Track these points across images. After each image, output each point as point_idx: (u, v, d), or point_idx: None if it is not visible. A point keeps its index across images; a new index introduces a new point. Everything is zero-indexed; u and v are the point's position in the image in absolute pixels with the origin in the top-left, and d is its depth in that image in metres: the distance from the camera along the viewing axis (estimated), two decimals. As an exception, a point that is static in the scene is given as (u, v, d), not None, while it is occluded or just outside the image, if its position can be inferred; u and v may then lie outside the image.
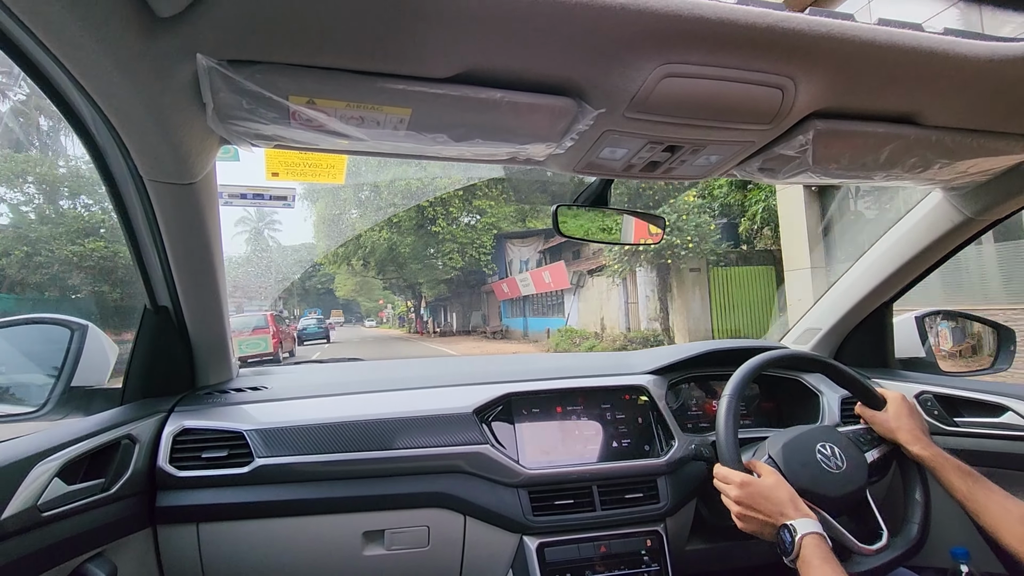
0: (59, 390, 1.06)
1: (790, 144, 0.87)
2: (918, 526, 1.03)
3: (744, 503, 0.96)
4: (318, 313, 50.60)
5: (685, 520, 1.24)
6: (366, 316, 61.41)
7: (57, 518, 0.85)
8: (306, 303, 59.83)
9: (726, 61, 0.69)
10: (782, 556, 0.89)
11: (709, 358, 1.43)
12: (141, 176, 0.88)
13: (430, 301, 33.42)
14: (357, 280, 43.61)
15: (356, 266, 25.27)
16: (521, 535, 1.15)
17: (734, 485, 0.98)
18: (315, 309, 56.80)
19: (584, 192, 1.16)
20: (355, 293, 48.59)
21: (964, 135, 0.90)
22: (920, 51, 0.70)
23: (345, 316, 64.55)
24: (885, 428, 1.09)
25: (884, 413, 1.10)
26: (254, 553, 1.09)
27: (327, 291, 56.78)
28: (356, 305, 62.21)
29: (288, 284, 42.50)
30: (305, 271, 55.67)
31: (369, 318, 58.93)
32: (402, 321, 44.05)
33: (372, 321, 56.10)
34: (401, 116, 0.73)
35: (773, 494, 0.94)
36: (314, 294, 62.62)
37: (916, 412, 1.10)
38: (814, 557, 0.85)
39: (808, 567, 0.84)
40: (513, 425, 1.25)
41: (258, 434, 1.12)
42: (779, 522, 0.91)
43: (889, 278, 1.42)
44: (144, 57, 0.61)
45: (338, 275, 47.51)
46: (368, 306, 55.59)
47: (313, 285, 60.72)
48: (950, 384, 1.37)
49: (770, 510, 0.93)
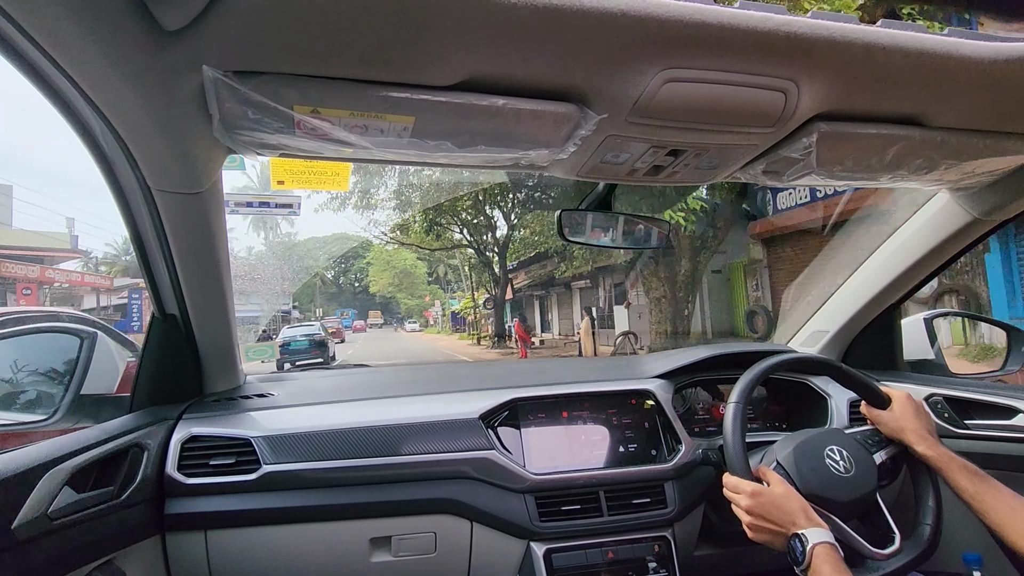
0: (69, 398, 1.07)
1: (794, 147, 0.87)
2: (930, 528, 1.02)
3: (755, 513, 0.95)
4: (351, 315, 42.55)
5: (693, 525, 1.23)
6: (407, 316, 51.46)
7: (67, 526, 0.86)
8: (337, 303, 53.49)
9: (728, 65, 0.69)
10: (793, 566, 0.88)
11: (715, 362, 1.42)
12: (149, 186, 0.89)
13: (522, 289, 21.86)
14: (396, 273, 38.25)
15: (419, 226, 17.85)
16: (528, 541, 1.15)
17: (744, 495, 0.97)
18: (347, 309, 48.46)
19: (588, 197, 1.16)
20: (393, 288, 42.40)
21: (970, 135, 0.90)
22: (924, 52, 0.70)
23: (384, 317, 57.15)
24: (891, 428, 1.08)
25: (890, 412, 1.09)
26: (262, 560, 1.09)
27: (363, 289, 50.22)
28: (396, 304, 53.59)
29: (309, 278, 38.74)
30: (336, 263, 48.74)
31: (411, 319, 49.37)
32: (458, 323, 32.49)
33: (415, 323, 46.83)
34: (404, 124, 0.74)
35: (784, 504, 0.93)
36: (348, 292, 55.84)
37: (923, 411, 1.09)
38: (824, 565, 0.84)
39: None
40: (519, 430, 1.25)
41: (265, 441, 1.13)
42: (790, 531, 0.90)
43: (896, 280, 1.41)
44: (151, 70, 0.62)
45: (372, 267, 40.97)
46: (409, 304, 47.64)
47: (348, 282, 54.17)
48: (960, 386, 1.36)
49: (781, 520, 0.92)
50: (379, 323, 54.43)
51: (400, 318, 55.58)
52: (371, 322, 52.05)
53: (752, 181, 1.05)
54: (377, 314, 55.50)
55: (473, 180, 13.93)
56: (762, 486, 0.98)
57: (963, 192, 1.18)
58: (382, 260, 40.04)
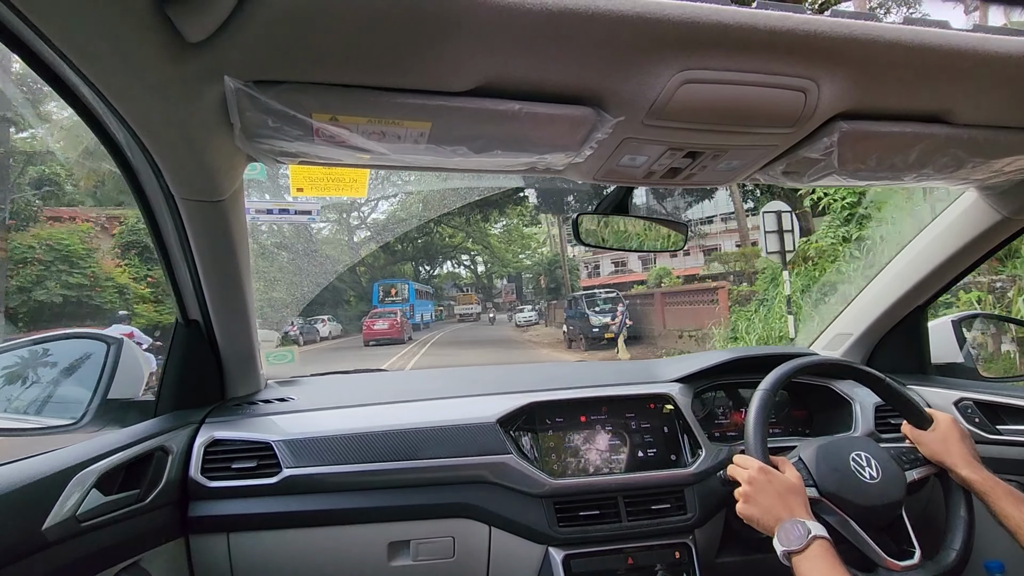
0: (96, 403, 1.09)
1: (814, 147, 0.85)
2: (957, 554, 0.97)
3: (757, 488, 0.94)
4: (428, 305, 28.60)
5: (715, 532, 1.21)
6: (525, 303, 32.59)
7: (95, 528, 0.88)
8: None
9: (746, 66, 0.68)
10: (780, 546, 0.87)
11: (735, 366, 1.40)
12: (173, 195, 0.91)
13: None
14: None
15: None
16: (547, 546, 1.14)
17: (752, 469, 0.96)
18: (426, 289, 31.46)
19: (604, 200, 1.15)
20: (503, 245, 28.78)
21: (998, 132, 0.87)
22: (948, 49, 0.69)
23: (483, 303, 38.01)
24: (933, 449, 1.04)
25: (932, 433, 1.05)
26: (283, 562, 1.10)
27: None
28: (513, 283, 35.65)
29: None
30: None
31: (530, 305, 30.42)
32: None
33: (532, 312, 27.20)
34: (421, 130, 0.75)
35: (789, 493, 0.92)
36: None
37: (967, 437, 1.05)
38: (821, 560, 0.82)
39: (813, 569, 0.82)
40: (537, 435, 1.24)
41: (285, 445, 1.14)
42: (784, 517, 0.89)
43: (923, 281, 1.38)
44: (174, 81, 0.63)
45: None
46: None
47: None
48: (991, 390, 1.32)
49: (780, 505, 0.91)
50: (475, 310, 35.55)
51: (511, 307, 34.86)
52: (462, 310, 34.86)
53: (772, 182, 1.04)
54: (471, 298, 37.65)
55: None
56: (773, 469, 0.96)
57: (991, 190, 1.15)
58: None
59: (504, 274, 40.64)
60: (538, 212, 29.69)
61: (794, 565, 0.85)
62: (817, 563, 0.82)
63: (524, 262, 38.40)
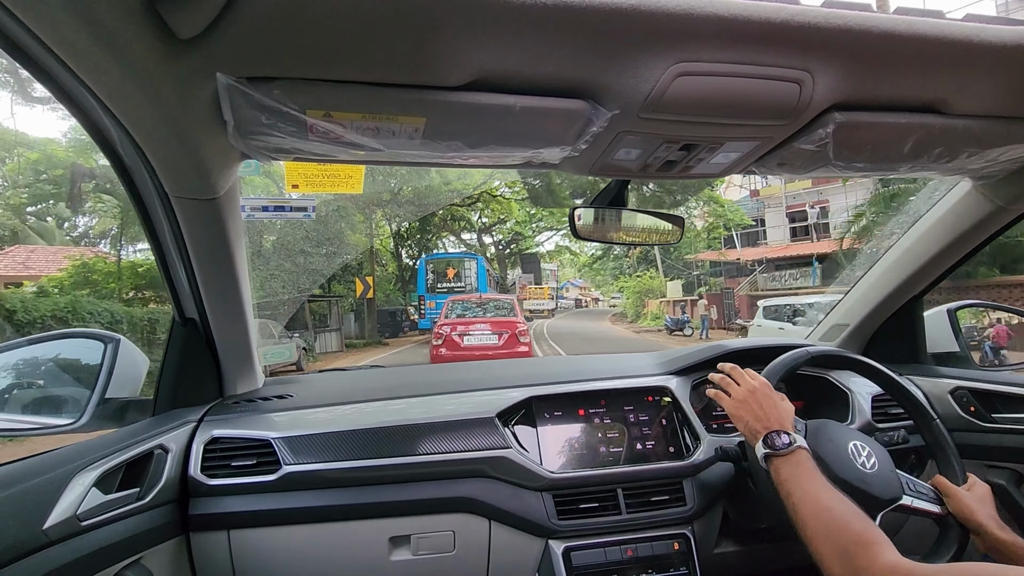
0: (94, 402, 1.09)
1: (810, 138, 0.85)
2: None
3: (758, 395, 1.00)
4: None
5: (713, 523, 1.22)
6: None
7: (96, 527, 0.88)
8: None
9: (741, 58, 0.68)
10: (764, 449, 0.93)
11: (733, 357, 1.41)
12: (167, 193, 0.90)
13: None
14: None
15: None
16: (547, 539, 1.15)
17: (759, 380, 1.02)
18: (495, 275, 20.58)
19: (600, 193, 1.15)
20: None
21: (992, 122, 0.87)
22: (942, 39, 0.69)
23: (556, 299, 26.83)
24: (963, 505, 0.98)
25: (970, 493, 1.00)
26: (283, 559, 1.11)
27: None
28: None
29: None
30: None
31: (618, 292, 20.88)
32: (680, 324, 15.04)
33: (617, 297, 18.32)
34: (416, 125, 0.74)
35: (782, 410, 0.98)
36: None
37: (993, 501, 1.01)
38: (801, 466, 0.89)
39: (797, 474, 0.88)
40: (536, 429, 1.25)
41: (284, 442, 1.14)
42: (774, 427, 0.95)
43: (919, 271, 1.38)
44: (166, 78, 0.63)
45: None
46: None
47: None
48: (986, 379, 1.32)
49: (773, 416, 0.96)
50: (546, 307, 25.52)
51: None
52: (532, 305, 23.39)
53: (767, 174, 1.04)
54: (544, 292, 26.54)
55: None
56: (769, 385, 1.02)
57: (986, 180, 1.16)
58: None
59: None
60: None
61: (775, 466, 0.91)
62: (797, 468, 0.89)
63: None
